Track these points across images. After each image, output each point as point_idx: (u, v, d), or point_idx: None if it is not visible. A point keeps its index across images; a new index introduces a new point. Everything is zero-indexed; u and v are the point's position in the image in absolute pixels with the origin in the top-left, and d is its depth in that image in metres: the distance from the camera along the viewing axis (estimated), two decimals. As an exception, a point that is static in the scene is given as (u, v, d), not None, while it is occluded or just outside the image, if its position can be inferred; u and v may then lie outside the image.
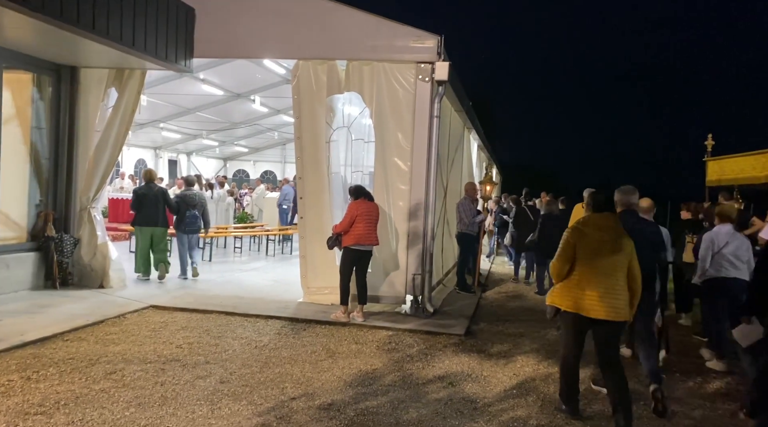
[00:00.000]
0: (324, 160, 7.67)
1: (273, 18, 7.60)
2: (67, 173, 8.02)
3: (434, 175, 7.39)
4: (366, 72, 7.45)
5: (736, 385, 5.25)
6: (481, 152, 15.89)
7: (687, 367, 5.73)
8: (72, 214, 8.05)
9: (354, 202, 6.76)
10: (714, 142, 13.85)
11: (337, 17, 7.44)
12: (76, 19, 5.88)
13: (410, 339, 6.19)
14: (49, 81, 7.83)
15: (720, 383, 5.30)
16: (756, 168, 10.89)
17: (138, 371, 4.76)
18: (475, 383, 4.92)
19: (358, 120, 8.11)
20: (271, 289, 8.61)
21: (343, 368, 5.12)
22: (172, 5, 7.33)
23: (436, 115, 7.30)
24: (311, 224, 7.67)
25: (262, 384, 4.62)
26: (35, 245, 7.68)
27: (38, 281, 7.65)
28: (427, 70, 7.21)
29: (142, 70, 7.87)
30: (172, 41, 7.41)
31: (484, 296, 9.03)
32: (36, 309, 6.53)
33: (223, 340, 5.78)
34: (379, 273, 7.41)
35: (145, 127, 17.43)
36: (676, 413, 4.50)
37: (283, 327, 6.41)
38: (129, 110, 7.94)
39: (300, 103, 7.61)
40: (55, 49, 7.11)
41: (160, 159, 21.98)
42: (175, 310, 6.91)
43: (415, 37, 7.22)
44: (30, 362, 4.84)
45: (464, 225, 9.15)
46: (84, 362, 4.89)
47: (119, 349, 5.32)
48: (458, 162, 10.82)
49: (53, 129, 7.93)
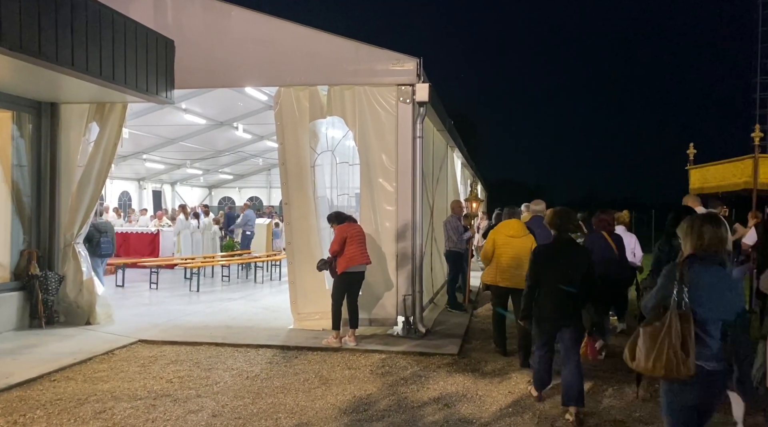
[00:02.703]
0: (309, 184, 7.68)
1: (253, 46, 7.65)
2: (50, 210, 7.93)
3: (420, 194, 7.42)
4: (347, 96, 7.51)
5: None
6: (465, 170, 16.01)
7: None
8: (56, 251, 7.94)
9: (341, 226, 6.75)
10: (696, 151, 14.05)
11: (317, 43, 7.52)
12: (54, 56, 5.87)
13: (404, 361, 6.14)
14: (29, 118, 7.79)
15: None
16: (736, 175, 11.06)
17: (128, 408, 4.67)
18: (470, 403, 4.88)
19: (342, 143, 8.15)
20: (260, 317, 8.52)
21: (336, 394, 5.06)
22: (151, 38, 7.36)
23: (419, 136, 7.36)
24: (299, 249, 7.64)
25: (255, 416, 4.54)
26: (19, 284, 7.56)
27: (23, 320, 7.51)
28: (408, 92, 7.29)
29: (124, 103, 7.85)
30: (153, 73, 7.42)
31: (475, 313, 9.01)
32: (21, 350, 6.39)
33: (213, 372, 5.70)
34: (370, 295, 7.38)
35: (128, 159, 17.36)
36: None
37: (275, 356, 6.34)
38: (111, 144, 7.90)
39: (283, 129, 7.64)
40: (35, 86, 7.08)
41: (144, 190, 21.86)
42: (163, 343, 6.80)
43: (394, 60, 7.31)
44: (16, 405, 4.73)
45: (452, 243, 9.17)
46: (72, 403, 4.78)
47: (108, 386, 5.22)
48: (443, 180, 10.88)
49: (34, 166, 7.87)
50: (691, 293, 2.78)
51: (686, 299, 2.77)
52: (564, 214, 4.72)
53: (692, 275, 2.82)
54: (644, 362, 2.82)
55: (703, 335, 2.79)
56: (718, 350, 2.83)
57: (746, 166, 10.75)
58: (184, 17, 7.82)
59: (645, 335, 2.83)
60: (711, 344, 2.80)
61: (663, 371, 2.76)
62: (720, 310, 2.81)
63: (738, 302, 2.86)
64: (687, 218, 3.02)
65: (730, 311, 2.84)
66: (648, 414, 4.65)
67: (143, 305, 9.72)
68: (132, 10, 7.36)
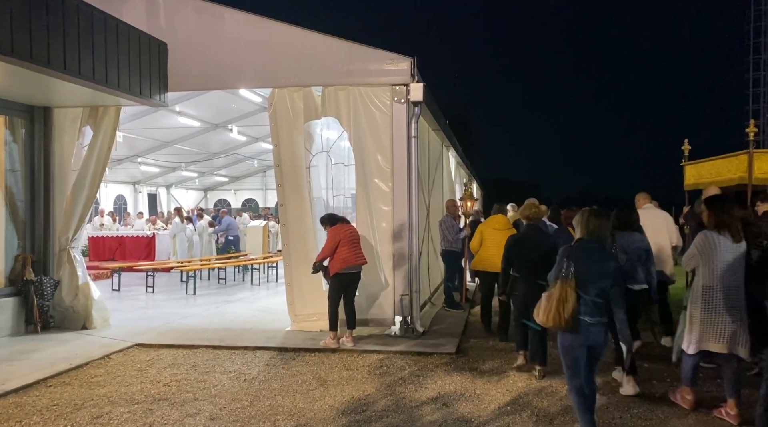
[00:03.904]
0: (305, 185, 7.66)
1: (247, 48, 7.64)
2: (44, 215, 7.89)
3: (416, 194, 7.42)
4: (342, 97, 7.49)
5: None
6: (460, 169, 16.01)
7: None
8: (51, 255, 7.90)
9: (333, 228, 6.73)
10: (691, 147, 14.08)
11: (311, 44, 7.50)
12: (46, 60, 5.84)
13: (401, 361, 6.14)
14: (22, 123, 7.75)
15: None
16: (731, 170, 11.08)
17: (125, 413, 4.65)
18: (468, 402, 4.88)
19: (337, 144, 8.13)
20: (257, 319, 8.51)
21: (334, 396, 5.05)
22: (144, 41, 7.33)
23: (414, 136, 7.35)
24: (296, 251, 7.62)
25: (253, 418, 4.53)
26: (14, 289, 7.51)
27: (18, 326, 7.46)
28: (403, 92, 7.28)
29: (117, 107, 7.82)
30: (146, 76, 7.39)
31: (472, 312, 9.00)
32: (17, 356, 6.36)
33: (211, 375, 5.68)
34: (367, 296, 7.37)
35: (122, 162, 17.32)
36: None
37: (272, 358, 6.32)
38: (105, 148, 7.86)
39: (278, 130, 7.62)
40: (27, 90, 7.05)
41: (140, 194, 21.81)
42: (161, 347, 6.78)
43: (388, 60, 7.30)
44: (12, 411, 4.70)
45: (448, 242, 9.16)
46: (69, 408, 4.76)
47: (105, 391, 5.19)
48: (439, 180, 10.88)
49: (28, 171, 7.83)
50: (577, 267, 3.75)
51: (572, 271, 3.74)
52: (533, 207, 5.93)
53: (579, 253, 3.80)
54: (542, 318, 3.82)
55: (586, 297, 3.74)
56: (598, 308, 3.75)
57: (741, 162, 10.76)
58: (177, 20, 7.80)
59: (544, 298, 3.84)
60: (592, 304, 3.74)
61: (552, 323, 3.77)
62: (598, 279, 3.74)
63: (613, 273, 3.76)
64: (579, 212, 3.96)
65: (605, 280, 3.74)
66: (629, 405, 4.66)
67: (140, 308, 9.70)
68: (124, 13, 7.34)
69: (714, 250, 4.35)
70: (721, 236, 4.34)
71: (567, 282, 3.72)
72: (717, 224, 4.37)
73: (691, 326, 4.47)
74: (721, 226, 4.35)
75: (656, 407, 4.73)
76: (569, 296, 3.69)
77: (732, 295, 4.32)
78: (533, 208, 5.91)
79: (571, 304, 3.68)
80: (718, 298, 4.34)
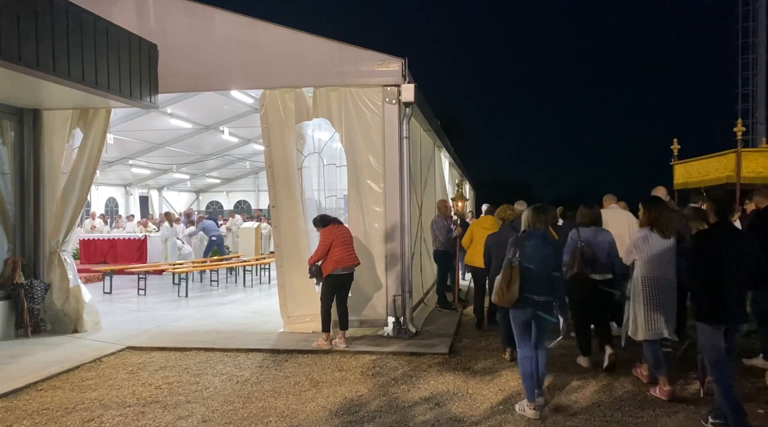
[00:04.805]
0: (297, 187, 7.66)
1: (238, 49, 7.62)
2: (35, 218, 7.84)
3: (408, 194, 7.43)
4: (333, 98, 7.49)
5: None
6: (452, 169, 16.04)
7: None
8: (41, 258, 7.85)
9: (326, 229, 6.72)
10: (680, 147, 14.22)
11: (302, 45, 7.50)
12: (35, 62, 5.80)
13: (394, 362, 6.14)
14: (11, 125, 7.70)
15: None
16: (719, 169, 11.19)
17: (117, 416, 4.63)
18: (461, 402, 4.89)
19: (329, 145, 8.13)
20: (250, 321, 8.48)
21: (327, 397, 5.04)
22: (134, 42, 7.30)
23: (406, 136, 7.37)
24: (288, 252, 7.61)
25: (246, 420, 4.52)
26: (4, 293, 7.45)
27: (8, 330, 7.41)
28: (394, 93, 7.29)
29: (107, 109, 7.78)
30: (136, 78, 7.36)
31: (465, 312, 9.02)
32: (6, 359, 6.31)
33: (203, 377, 5.66)
34: (360, 297, 7.37)
35: (113, 165, 17.23)
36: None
37: (265, 359, 6.31)
38: (95, 150, 7.82)
39: (269, 131, 7.61)
40: (16, 92, 7.00)
41: (131, 196, 21.70)
42: (152, 349, 6.75)
43: (379, 61, 7.31)
44: (2, 415, 4.67)
45: (440, 243, 9.18)
46: (59, 412, 4.73)
47: (96, 394, 5.16)
48: (431, 180, 10.89)
49: (17, 173, 7.78)
50: (523, 253, 4.48)
51: (518, 257, 4.46)
52: (508, 210, 6.77)
53: (524, 242, 4.54)
54: (495, 297, 4.59)
55: (531, 279, 4.45)
56: (543, 287, 4.48)
57: (729, 161, 10.88)
58: (167, 21, 7.77)
59: (496, 281, 4.57)
60: (536, 284, 4.47)
61: (499, 299, 4.54)
62: (540, 263, 4.48)
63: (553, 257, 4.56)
64: (526, 209, 4.74)
65: (547, 264, 4.50)
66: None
67: (131, 311, 9.65)
68: (114, 15, 7.30)
69: (647, 245, 4.91)
70: (652, 233, 4.89)
71: (513, 266, 4.44)
72: (649, 222, 4.95)
73: (635, 314, 4.99)
74: (653, 223, 4.92)
75: (647, 406, 4.76)
76: (514, 277, 4.42)
77: (664, 284, 4.88)
78: (508, 211, 6.76)
79: (516, 284, 4.40)
80: (654, 286, 4.88)
